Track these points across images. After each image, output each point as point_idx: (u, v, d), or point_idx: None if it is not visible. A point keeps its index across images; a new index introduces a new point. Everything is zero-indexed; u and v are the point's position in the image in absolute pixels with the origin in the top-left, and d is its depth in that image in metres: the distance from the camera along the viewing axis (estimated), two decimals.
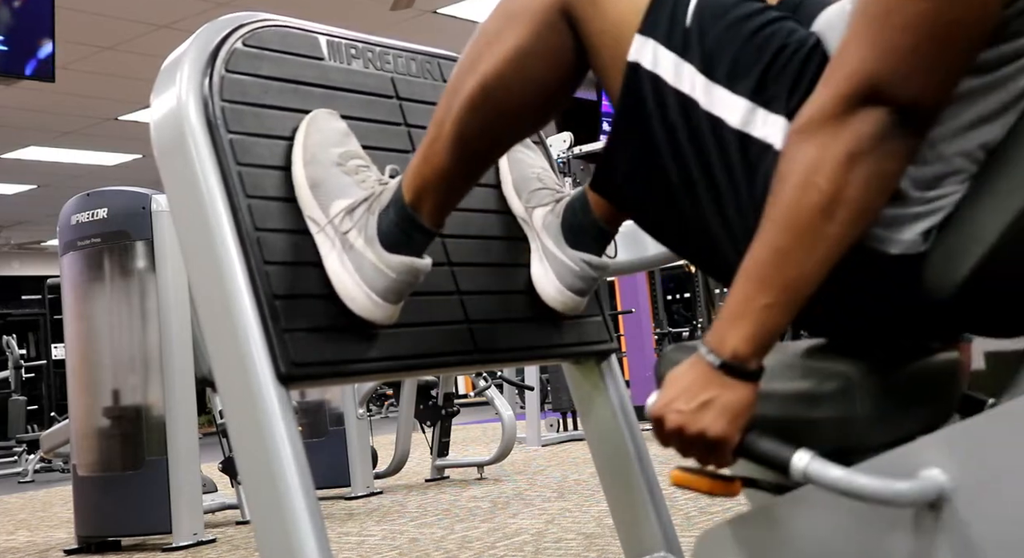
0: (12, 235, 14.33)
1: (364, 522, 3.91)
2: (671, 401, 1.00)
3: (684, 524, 3.09)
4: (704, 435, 0.98)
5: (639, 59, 1.09)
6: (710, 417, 0.98)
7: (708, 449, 1.00)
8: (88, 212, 3.97)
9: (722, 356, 0.98)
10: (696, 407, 0.98)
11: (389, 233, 1.24)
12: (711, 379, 0.98)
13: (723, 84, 1.05)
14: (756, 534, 1.09)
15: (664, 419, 1.01)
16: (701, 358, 0.99)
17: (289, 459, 1.15)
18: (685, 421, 0.99)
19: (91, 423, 3.94)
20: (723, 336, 0.98)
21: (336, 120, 1.32)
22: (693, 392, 0.99)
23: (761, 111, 1.03)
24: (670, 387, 1.02)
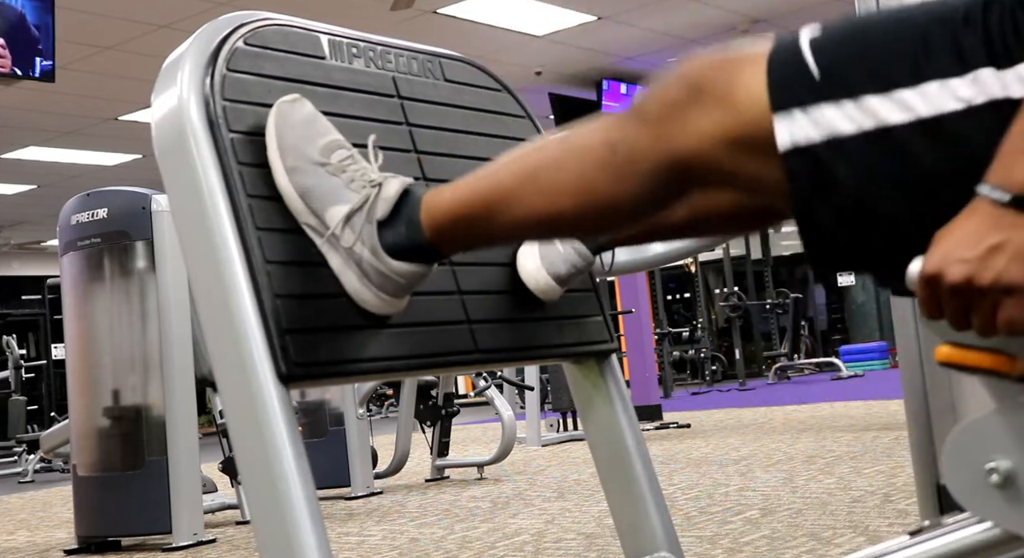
0: (12, 235, 14.33)
1: (364, 522, 3.91)
2: (951, 251, 0.88)
3: (684, 524, 3.09)
4: (998, 283, 0.86)
5: (792, 139, 0.96)
6: (1004, 261, 0.86)
7: (1001, 305, 0.87)
8: (88, 212, 3.97)
9: (1012, 191, 0.86)
10: (985, 252, 0.87)
11: (399, 249, 1.23)
12: (1000, 219, 0.86)
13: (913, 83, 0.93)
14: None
15: (943, 274, 0.88)
16: (982, 200, 0.88)
17: (289, 459, 1.15)
18: (973, 270, 0.87)
19: (91, 423, 3.94)
20: (1012, 169, 0.86)
21: (302, 106, 1.26)
22: (979, 236, 0.87)
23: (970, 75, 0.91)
24: (945, 239, 0.89)
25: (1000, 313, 0.88)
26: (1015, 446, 0.97)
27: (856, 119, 0.94)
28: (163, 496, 3.71)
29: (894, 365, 11.63)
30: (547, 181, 1.13)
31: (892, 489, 3.36)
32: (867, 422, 5.81)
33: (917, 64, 0.93)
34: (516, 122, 1.59)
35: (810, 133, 0.95)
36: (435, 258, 1.25)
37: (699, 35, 8.88)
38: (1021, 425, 0.97)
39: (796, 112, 0.96)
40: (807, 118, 0.96)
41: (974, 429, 1.00)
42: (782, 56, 0.99)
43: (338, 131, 1.29)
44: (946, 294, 0.89)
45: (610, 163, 1.08)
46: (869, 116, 0.94)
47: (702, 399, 10.26)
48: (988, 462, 0.98)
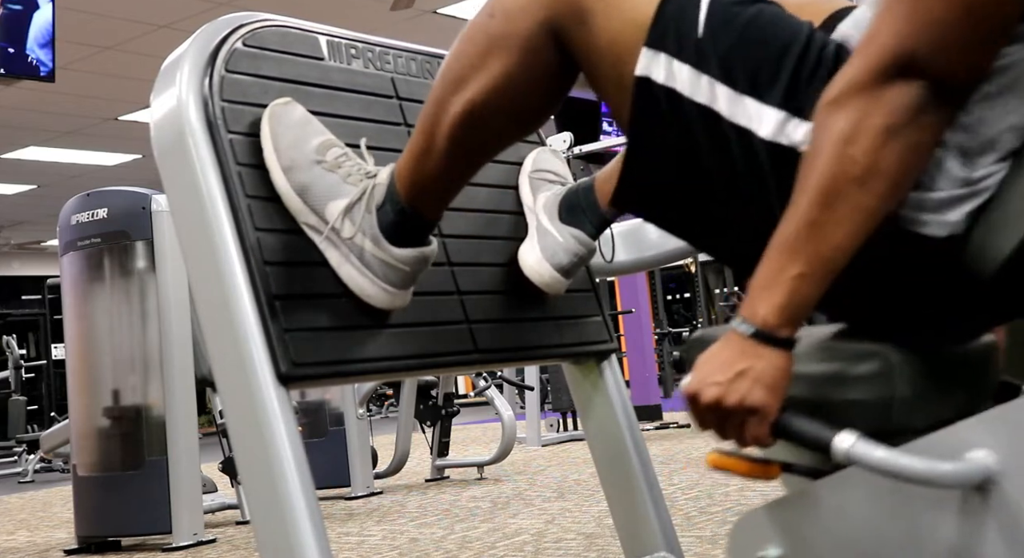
0: (12, 235, 14.33)
1: (364, 522, 3.91)
2: (707, 375, 0.99)
3: (684, 524, 3.09)
4: (742, 405, 0.97)
5: (649, 73, 1.07)
6: (747, 385, 0.97)
7: (747, 422, 0.98)
8: (88, 212, 3.97)
9: (754, 325, 0.97)
10: (733, 377, 0.97)
11: (392, 229, 1.25)
12: (745, 349, 0.97)
13: (749, 94, 1.03)
14: (795, 518, 1.07)
15: (700, 394, 0.99)
16: (734, 331, 0.98)
17: (289, 459, 1.15)
18: (722, 392, 0.97)
19: (91, 423, 3.94)
20: (755, 306, 0.97)
21: (295, 109, 1.29)
22: (729, 363, 0.97)
23: (793, 120, 1.01)
24: (705, 364, 1.00)
25: (746, 430, 0.99)
26: (783, 537, 1.07)
27: (700, 91, 1.05)
28: (163, 496, 3.71)
29: None
30: (453, 75, 1.20)
31: None
32: None
33: (762, 78, 1.03)
34: None
35: (662, 77, 1.07)
36: (424, 227, 1.27)
37: None
38: (787, 518, 1.07)
39: (662, 55, 1.07)
40: (666, 64, 1.07)
41: (751, 519, 1.10)
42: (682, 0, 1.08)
43: (337, 132, 1.30)
44: (703, 411, 1.00)
45: (490, 30, 1.17)
46: (710, 97, 1.04)
47: None
48: (760, 550, 1.08)
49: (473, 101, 1.18)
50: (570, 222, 1.41)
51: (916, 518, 0.96)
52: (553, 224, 1.42)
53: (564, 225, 1.41)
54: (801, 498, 1.08)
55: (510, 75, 1.16)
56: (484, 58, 1.17)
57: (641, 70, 1.08)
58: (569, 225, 1.41)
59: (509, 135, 1.28)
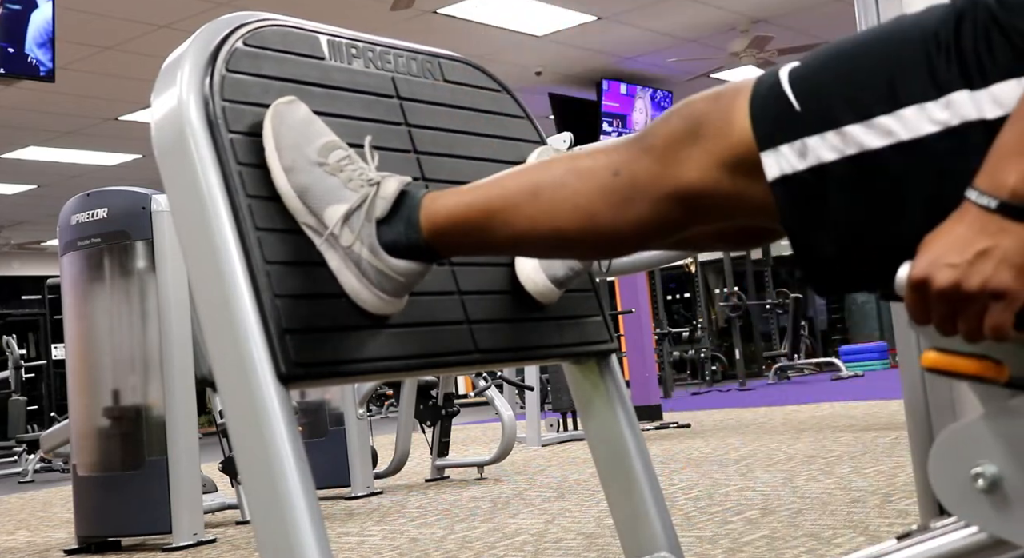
0: (12, 235, 14.33)
1: (364, 522, 3.91)
2: (940, 256, 0.89)
3: (684, 524, 3.09)
4: (986, 288, 0.87)
5: (782, 170, 1.00)
6: (991, 266, 0.87)
7: (988, 309, 0.88)
8: (88, 212, 3.97)
9: (1000, 196, 0.87)
10: (973, 257, 0.88)
11: (396, 244, 1.23)
12: (987, 225, 0.88)
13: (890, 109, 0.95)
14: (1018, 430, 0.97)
15: (931, 279, 0.89)
16: (970, 205, 0.89)
17: (289, 459, 1.15)
18: (961, 275, 0.88)
19: (91, 423, 3.94)
20: (999, 175, 0.87)
21: (298, 108, 1.27)
22: (967, 242, 0.88)
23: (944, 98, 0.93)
24: (933, 244, 0.90)
25: (987, 319, 0.89)
26: (1001, 452, 0.98)
27: (838, 147, 0.97)
28: (163, 496, 3.71)
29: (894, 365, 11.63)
30: (549, 198, 1.15)
31: (892, 489, 3.36)
32: (867, 422, 5.81)
33: (894, 89, 0.96)
34: (515, 122, 1.59)
35: (795, 164, 0.99)
36: (433, 259, 1.26)
37: (699, 35, 8.88)
38: (1007, 431, 0.98)
39: (782, 146, 1.00)
40: (792, 150, 0.99)
41: (960, 434, 1.01)
42: (764, 92, 1.03)
43: (337, 131, 1.30)
44: (934, 299, 0.90)
45: (612, 188, 1.11)
46: (851, 143, 0.97)
47: (702, 399, 10.26)
48: (974, 467, 0.99)
49: (563, 231, 1.15)
50: None
51: None
52: None
53: None
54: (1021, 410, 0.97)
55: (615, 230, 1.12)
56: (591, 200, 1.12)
57: (772, 174, 1.00)
58: None
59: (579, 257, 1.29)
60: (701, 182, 1.05)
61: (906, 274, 0.92)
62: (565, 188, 1.14)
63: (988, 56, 0.92)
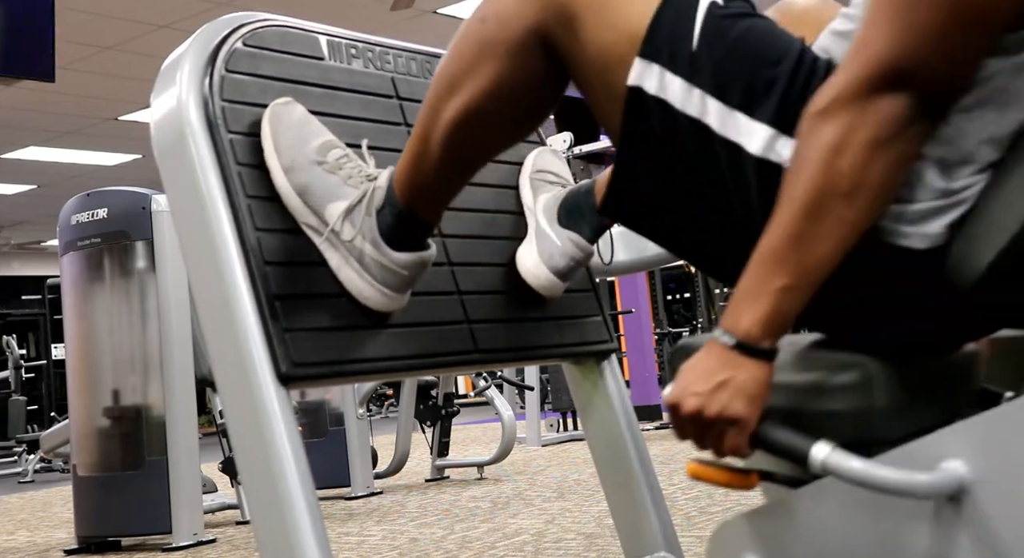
0: (12, 235, 14.33)
1: (364, 522, 3.91)
2: (688, 385, 1.00)
3: (684, 524, 3.09)
4: (722, 416, 0.97)
5: (642, 84, 1.06)
6: (727, 396, 0.97)
7: (726, 433, 0.99)
8: (88, 212, 3.97)
9: (736, 336, 0.97)
10: (713, 387, 0.98)
11: (391, 232, 1.25)
12: (726, 360, 0.98)
13: (740, 109, 1.02)
14: (772, 527, 1.08)
15: (681, 404, 1.00)
16: (715, 341, 0.99)
17: (289, 459, 1.15)
18: (703, 403, 0.98)
19: (91, 423, 3.94)
20: (737, 317, 0.98)
21: (295, 109, 1.29)
22: (710, 374, 0.98)
23: (783, 138, 1.01)
24: (686, 373, 1.01)
25: (726, 440, 0.99)
26: (760, 546, 1.08)
27: (692, 103, 1.04)
28: (163, 496, 3.71)
29: None
30: (448, 79, 1.19)
31: None
32: None
33: (754, 94, 1.02)
34: None
35: (655, 89, 1.06)
36: (423, 230, 1.27)
37: None
38: (765, 527, 1.09)
39: (656, 65, 1.06)
40: (661, 75, 1.06)
41: (729, 528, 1.12)
42: (679, 8, 1.07)
43: (337, 132, 1.30)
44: (684, 421, 1.00)
45: (483, 35, 1.16)
46: (702, 111, 1.04)
47: None
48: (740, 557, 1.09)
49: (466, 106, 1.18)
50: (568, 225, 1.41)
51: (891, 528, 0.97)
52: (551, 227, 1.42)
53: (562, 229, 1.41)
54: (779, 507, 1.09)
55: (502, 80, 1.16)
56: (476, 63, 1.17)
57: (634, 80, 1.07)
58: (567, 228, 1.41)
59: (503, 139, 1.28)
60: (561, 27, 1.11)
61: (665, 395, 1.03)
62: (453, 60, 1.19)
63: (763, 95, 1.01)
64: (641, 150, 1.09)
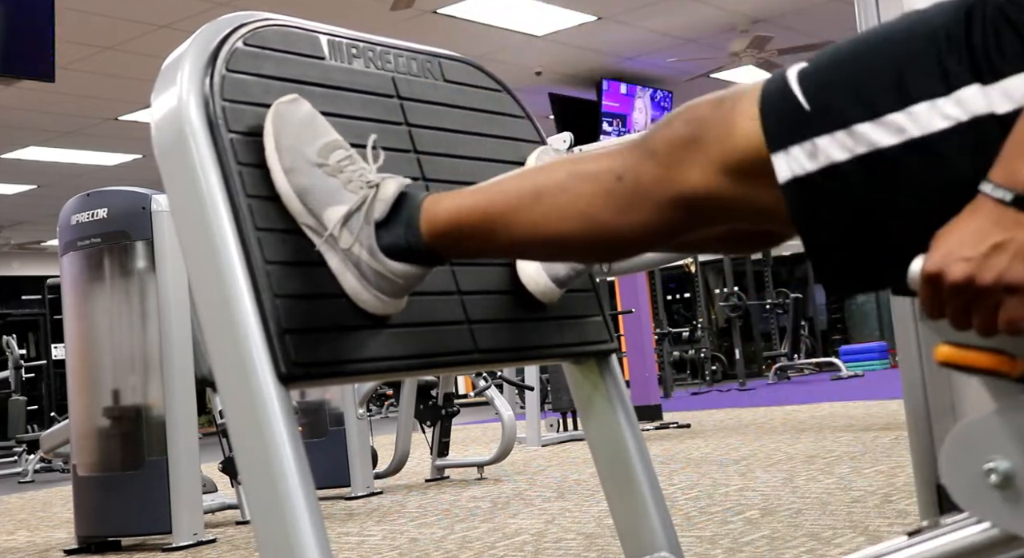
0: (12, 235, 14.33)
1: (364, 522, 3.91)
2: (954, 249, 0.88)
3: (684, 524, 3.09)
4: (1000, 283, 0.87)
5: (793, 172, 0.99)
6: (1006, 260, 0.87)
7: (1003, 304, 0.88)
8: (88, 212, 3.97)
9: (1015, 189, 0.87)
10: (988, 250, 0.87)
11: (396, 247, 1.23)
12: (1003, 218, 0.87)
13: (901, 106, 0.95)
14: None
15: (945, 272, 0.88)
16: (985, 198, 0.88)
17: (289, 459, 1.15)
18: (975, 269, 0.87)
19: (91, 423, 3.94)
20: (1014, 168, 0.87)
21: (300, 107, 1.27)
22: (982, 235, 0.87)
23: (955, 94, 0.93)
24: (947, 237, 0.90)
25: (1002, 312, 0.88)
26: (1014, 447, 0.97)
27: (848, 146, 0.96)
28: (163, 496, 3.71)
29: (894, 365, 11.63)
30: (551, 203, 1.15)
31: (892, 489, 3.36)
32: (867, 422, 5.81)
33: (904, 86, 0.95)
34: (515, 122, 1.59)
35: (806, 165, 0.98)
36: (433, 262, 1.25)
37: (699, 35, 8.88)
38: (1020, 426, 0.97)
39: (792, 148, 0.99)
40: (802, 151, 0.98)
41: (973, 429, 1.00)
42: (772, 93, 1.02)
43: (338, 131, 1.30)
44: (947, 293, 0.89)
45: (615, 193, 1.11)
46: (861, 142, 0.96)
47: (702, 399, 10.26)
48: (987, 462, 0.98)
49: (565, 235, 1.14)
50: None
51: None
52: None
53: None
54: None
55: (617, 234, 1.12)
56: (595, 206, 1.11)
57: (783, 176, 0.99)
58: None
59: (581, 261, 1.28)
60: (704, 187, 1.05)
61: (919, 268, 0.91)
62: (567, 193, 1.14)
63: (997, 51, 0.92)
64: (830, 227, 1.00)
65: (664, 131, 1.09)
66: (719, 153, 1.03)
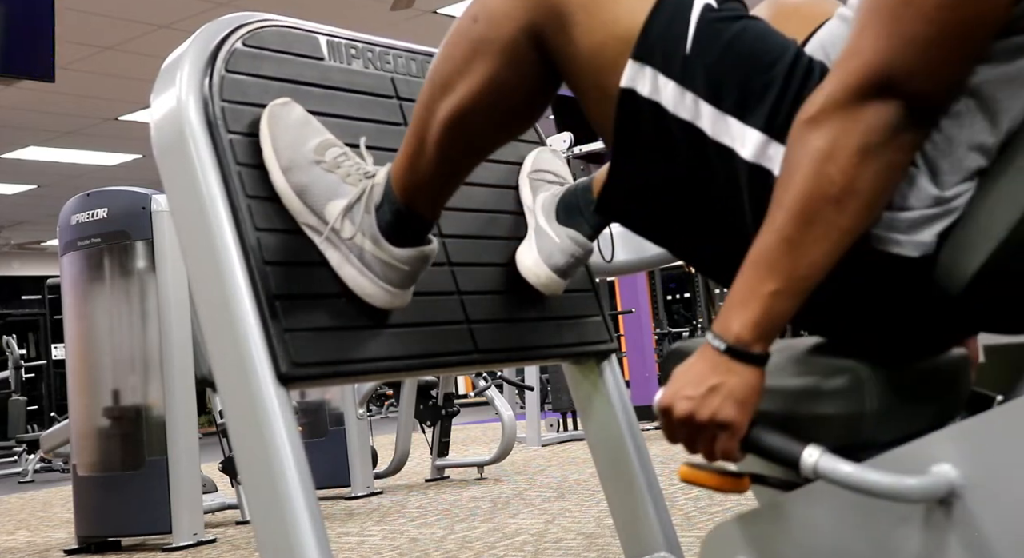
0: (12, 235, 14.33)
1: (364, 522, 3.91)
2: (679, 389, 1.00)
3: (684, 524, 3.09)
4: (713, 420, 0.97)
5: (635, 86, 1.06)
6: (718, 401, 0.97)
7: (717, 437, 0.99)
8: (88, 212, 3.97)
9: (727, 340, 0.97)
10: (705, 392, 0.98)
11: (390, 229, 1.25)
12: (718, 364, 0.98)
13: (733, 114, 1.03)
14: (765, 530, 1.09)
15: (672, 408, 1.00)
16: (707, 345, 0.99)
17: (289, 459, 1.15)
18: (694, 407, 0.98)
19: (91, 423, 3.94)
20: (728, 321, 0.98)
21: (293, 109, 1.29)
22: (701, 378, 0.98)
23: (774, 144, 1.01)
24: (678, 377, 1.01)
25: (717, 444, 1.00)
26: (753, 548, 1.08)
27: (685, 106, 1.04)
28: (163, 496, 3.71)
29: None
30: (440, 78, 1.19)
31: None
32: None
33: (747, 99, 1.02)
34: None
35: (647, 91, 1.06)
36: (421, 227, 1.27)
37: None
38: (758, 530, 1.08)
39: (648, 68, 1.06)
40: (654, 78, 1.06)
41: (722, 531, 1.12)
42: (671, 8, 1.06)
43: (336, 132, 1.30)
44: (675, 425, 1.01)
45: (474, 34, 1.16)
46: (695, 114, 1.04)
47: None
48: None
49: (459, 105, 1.18)
50: (567, 223, 1.41)
51: (882, 531, 0.97)
52: (550, 225, 1.42)
53: (561, 226, 1.41)
54: (770, 511, 1.09)
55: (494, 79, 1.16)
56: (468, 62, 1.17)
57: (627, 82, 1.07)
58: (566, 226, 1.41)
59: (496, 137, 1.28)
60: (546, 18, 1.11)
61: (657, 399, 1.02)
62: (446, 59, 1.19)
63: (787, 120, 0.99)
64: (634, 151, 1.09)
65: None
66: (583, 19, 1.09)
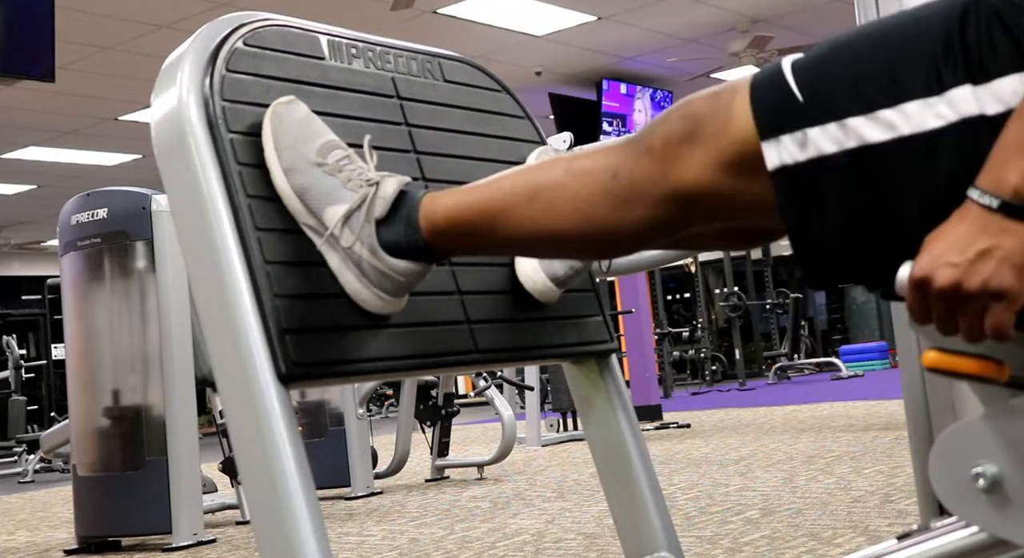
0: (12, 235, 14.33)
1: (364, 522, 3.91)
2: (940, 255, 0.88)
3: (684, 524, 3.09)
4: (986, 289, 0.87)
5: (782, 161, 0.99)
6: (992, 266, 0.86)
7: (989, 309, 0.88)
8: (88, 212, 3.97)
9: (1001, 195, 0.87)
10: (974, 256, 0.87)
11: (396, 244, 1.23)
12: (989, 224, 0.87)
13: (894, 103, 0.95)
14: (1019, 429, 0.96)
15: (932, 278, 0.88)
16: (972, 203, 0.88)
17: (289, 459, 1.15)
18: (961, 275, 0.87)
19: (91, 423, 3.94)
20: (1001, 174, 0.87)
21: (297, 108, 1.27)
22: (968, 241, 0.87)
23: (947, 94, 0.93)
24: (934, 243, 0.90)
25: (987, 318, 0.88)
26: (1002, 451, 0.97)
27: (839, 139, 0.97)
28: (163, 496, 3.72)
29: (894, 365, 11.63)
30: (548, 200, 1.15)
31: (892, 489, 3.36)
32: (867, 422, 5.81)
33: (897, 83, 0.95)
34: (515, 122, 1.59)
35: (796, 154, 0.98)
36: (433, 259, 1.26)
37: (699, 35, 8.89)
38: (1007, 430, 0.97)
39: (783, 136, 0.99)
40: (793, 140, 0.99)
41: (961, 433, 1.00)
42: (765, 83, 1.03)
43: (337, 131, 1.30)
44: (934, 298, 0.89)
45: (611, 190, 1.11)
46: (852, 136, 0.96)
47: (702, 399, 10.26)
48: (975, 467, 0.98)
49: (563, 230, 1.14)
50: None
51: None
52: None
53: None
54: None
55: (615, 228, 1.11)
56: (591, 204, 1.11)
57: (772, 163, 0.99)
58: None
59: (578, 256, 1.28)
60: (700, 182, 1.05)
61: (907, 273, 0.91)
62: (564, 190, 1.14)
63: (990, 52, 0.92)
64: (816, 219, 1.00)
65: (660, 127, 1.09)
66: (715, 148, 1.03)
